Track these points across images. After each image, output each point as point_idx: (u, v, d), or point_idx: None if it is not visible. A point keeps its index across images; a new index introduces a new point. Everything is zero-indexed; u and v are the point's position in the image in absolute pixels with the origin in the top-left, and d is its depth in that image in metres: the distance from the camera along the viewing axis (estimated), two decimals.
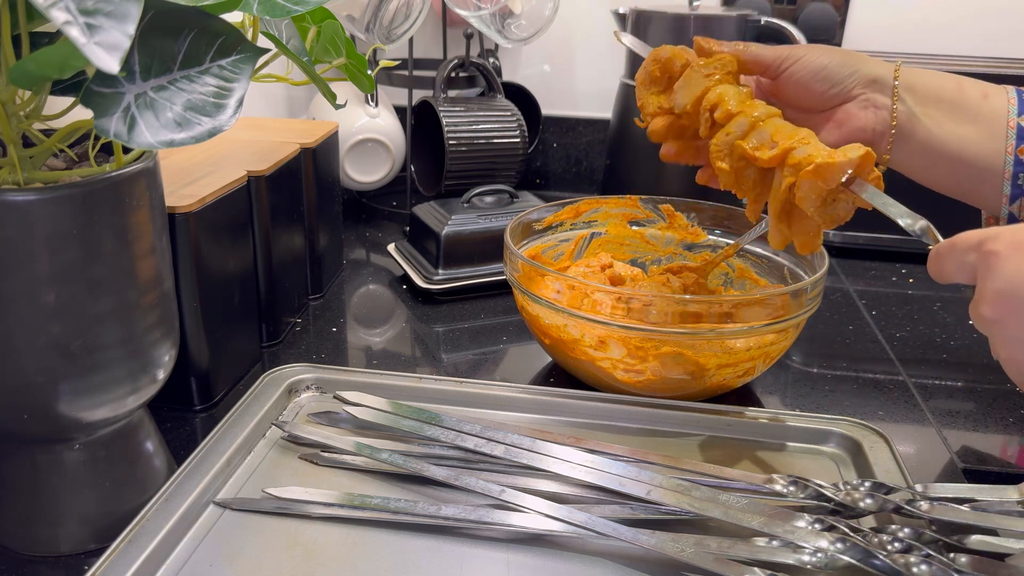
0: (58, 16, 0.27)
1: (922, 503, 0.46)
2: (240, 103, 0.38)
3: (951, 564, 0.41)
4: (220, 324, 0.61)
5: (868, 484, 0.48)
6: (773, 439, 0.57)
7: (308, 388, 0.61)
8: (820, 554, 0.43)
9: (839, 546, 0.43)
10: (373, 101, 1.02)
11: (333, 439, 0.53)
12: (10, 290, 0.39)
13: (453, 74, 0.96)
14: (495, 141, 0.91)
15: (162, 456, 0.51)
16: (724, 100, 0.56)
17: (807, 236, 0.56)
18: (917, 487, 0.47)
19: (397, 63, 0.70)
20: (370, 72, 0.55)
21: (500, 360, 0.72)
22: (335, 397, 0.57)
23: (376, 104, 1.02)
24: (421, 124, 0.97)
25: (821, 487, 0.48)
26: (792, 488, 0.48)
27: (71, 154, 0.47)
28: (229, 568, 0.44)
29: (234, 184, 0.61)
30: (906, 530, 0.44)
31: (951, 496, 0.46)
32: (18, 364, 0.40)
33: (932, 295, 0.87)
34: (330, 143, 0.81)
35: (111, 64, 0.28)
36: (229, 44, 0.38)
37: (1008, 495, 0.45)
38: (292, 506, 0.48)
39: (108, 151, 0.47)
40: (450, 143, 0.89)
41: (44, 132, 0.44)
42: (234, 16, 0.42)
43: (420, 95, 0.97)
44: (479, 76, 0.99)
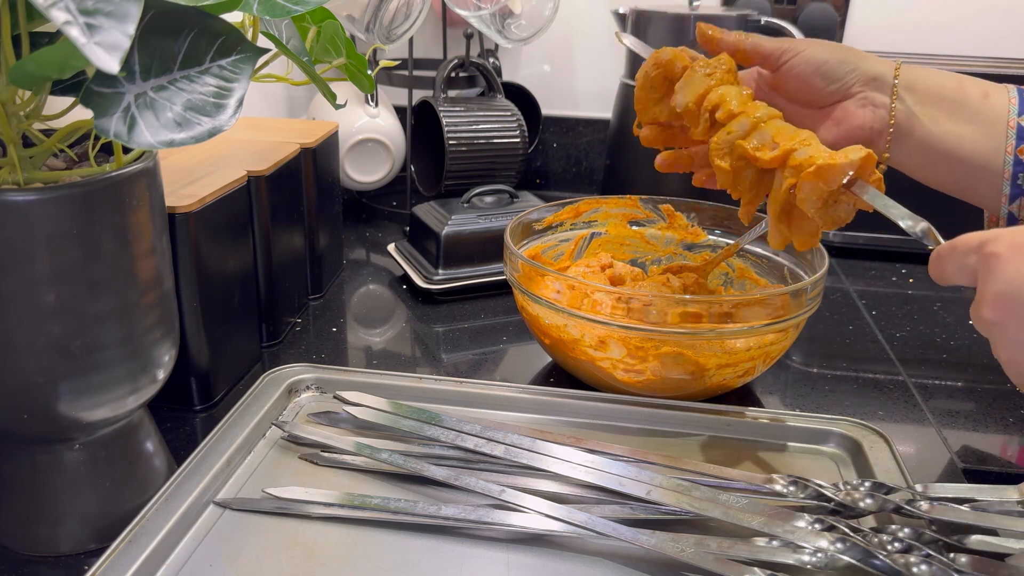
0: (58, 16, 0.27)
1: (922, 503, 0.46)
2: (240, 103, 0.38)
3: (951, 564, 0.41)
4: (220, 324, 0.61)
5: (868, 484, 0.48)
6: (773, 439, 0.57)
7: (308, 388, 0.61)
8: (820, 554, 0.43)
9: (839, 546, 0.43)
10: (373, 101, 1.02)
11: (333, 439, 0.53)
12: (10, 290, 0.39)
13: (453, 74, 0.96)
14: (495, 141, 0.91)
15: (162, 456, 0.51)
16: (726, 100, 0.56)
17: (806, 235, 0.56)
18: (917, 487, 0.47)
19: (397, 63, 0.70)
20: (370, 72, 0.55)
21: (500, 360, 0.72)
22: (335, 397, 0.57)
23: (376, 104, 1.02)
24: (421, 124, 0.97)
25: (821, 487, 0.48)
26: (792, 488, 0.48)
27: (71, 154, 0.47)
28: (229, 568, 0.44)
29: (234, 184, 0.61)
30: (906, 530, 0.44)
31: (951, 496, 0.46)
32: (18, 364, 0.40)
33: (932, 295, 0.87)
34: (330, 143, 0.81)
35: (111, 64, 0.28)
36: (229, 44, 0.38)
37: (1008, 495, 0.46)
38: (292, 506, 0.48)
39: (108, 151, 0.47)
40: (450, 143, 0.89)
41: (44, 132, 0.44)
42: (234, 16, 0.42)
43: (420, 95, 0.97)
44: (479, 76, 0.99)
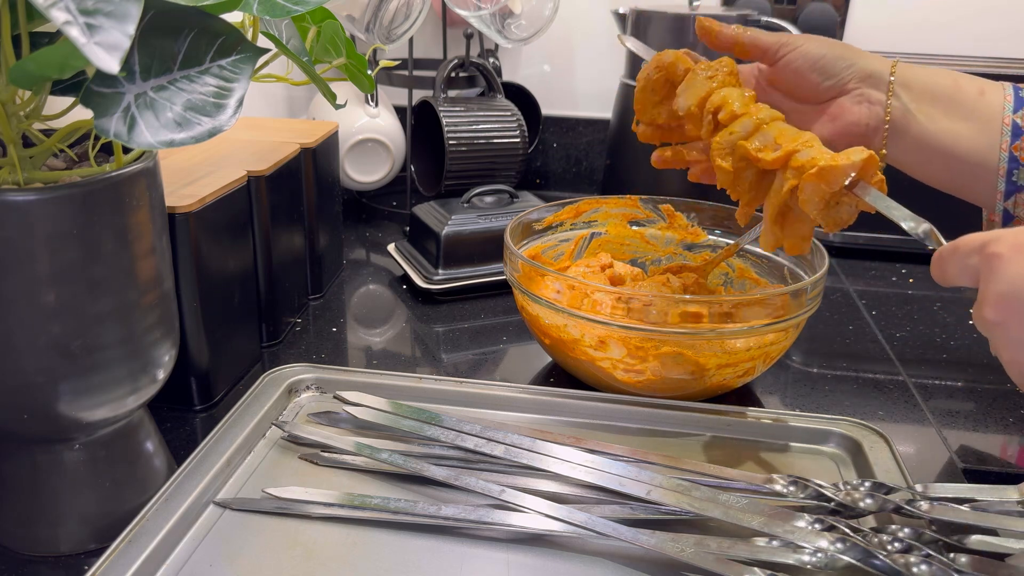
0: (58, 16, 0.27)
1: (922, 503, 0.46)
2: (240, 103, 0.38)
3: (951, 564, 0.41)
4: (220, 324, 0.61)
5: (868, 484, 0.48)
6: (773, 439, 0.57)
7: (308, 388, 0.61)
8: (820, 554, 0.43)
9: (839, 546, 0.43)
10: (373, 101, 1.02)
11: (333, 439, 0.53)
12: (10, 290, 0.39)
13: (453, 74, 0.96)
14: (495, 141, 0.91)
15: (162, 456, 0.51)
16: (728, 102, 0.56)
17: (798, 239, 0.57)
18: (917, 487, 0.47)
19: (397, 63, 0.70)
20: (370, 72, 0.55)
21: (500, 360, 0.72)
22: (335, 397, 0.57)
23: (376, 104, 1.02)
24: (421, 124, 0.97)
25: (821, 487, 0.48)
26: (792, 488, 0.48)
27: (71, 154, 0.47)
28: (229, 568, 0.44)
29: (234, 184, 0.61)
30: (906, 530, 0.44)
31: (951, 496, 0.46)
32: (18, 364, 0.40)
33: (932, 295, 0.87)
34: (330, 143, 0.81)
35: (111, 64, 0.28)
36: (229, 44, 0.38)
37: (1008, 495, 0.45)
38: (292, 506, 0.48)
39: (108, 151, 0.47)
40: (450, 143, 0.89)
41: (44, 132, 0.44)
42: (234, 16, 0.42)
43: (420, 95, 0.97)
44: (479, 76, 0.99)
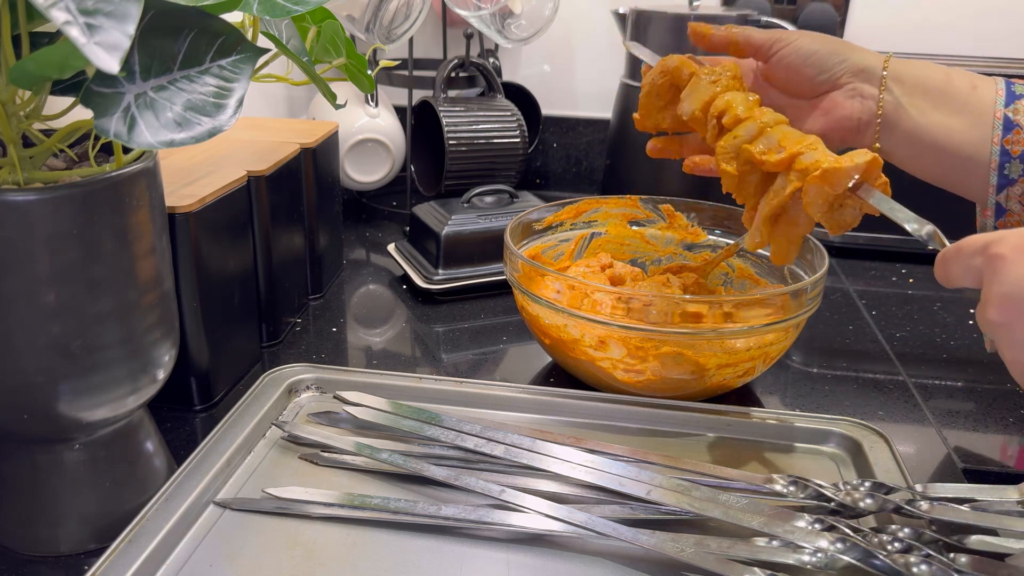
0: (58, 16, 0.27)
1: (922, 503, 0.46)
2: (240, 103, 0.38)
3: (951, 564, 0.41)
4: (220, 324, 0.61)
5: (868, 484, 0.48)
6: (773, 439, 0.57)
7: (308, 388, 0.61)
8: (820, 554, 0.43)
9: (839, 546, 0.43)
10: (373, 101, 1.02)
11: (333, 439, 0.53)
12: (10, 290, 0.39)
13: (453, 74, 0.96)
14: (495, 141, 0.91)
15: (162, 456, 0.51)
16: (732, 106, 0.56)
17: (784, 243, 0.57)
18: (917, 487, 0.47)
19: (397, 63, 0.70)
20: (370, 72, 0.55)
21: (500, 360, 0.72)
22: (335, 397, 0.57)
23: (376, 104, 1.02)
24: (421, 124, 0.97)
25: (821, 487, 0.48)
26: (792, 488, 0.48)
27: (71, 154, 0.47)
28: (229, 568, 0.44)
29: (234, 184, 0.61)
30: (906, 530, 0.44)
31: (951, 496, 0.46)
32: (18, 364, 0.40)
33: (932, 295, 0.87)
34: (330, 143, 0.81)
35: (111, 64, 0.28)
36: (229, 44, 0.38)
37: (1008, 495, 0.45)
38: (292, 506, 0.48)
39: (108, 151, 0.47)
40: (450, 143, 0.89)
41: (44, 132, 0.44)
42: (234, 16, 0.42)
43: (420, 95, 0.97)
44: (479, 76, 0.99)
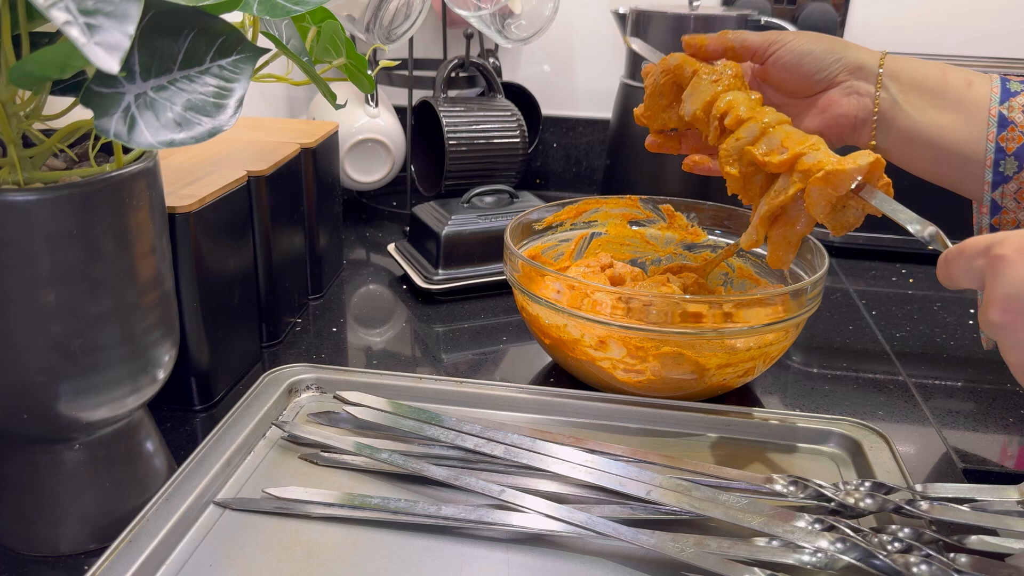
0: (58, 16, 0.27)
1: (922, 503, 0.46)
2: (240, 103, 0.38)
3: (951, 564, 0.41)
4: (220, 324, 0.61)
5: (868, 484, 0.48)
6: (773, 439, 0.57)
7: (308, 388, 0.61)
8: (820, 554, 0.43)
9: (839, 546, 0.43)
10: (373, 101, 1.02)
11: (333, 439, 0.53)
12: (10, 290, 0.39)
13: (453, 74, 0.96)
14: (495, 141, 0.91)
15: (162, 456, 0.51)
16: (734, 107, 0.56)
17: (781, 244, 0.57)
18: (917, 487, 0.47)
19: (397, 63, 0.70)
20: (370, 72, 0.55)
21: (500, 360, 0.72)
22: (335, 397, 0.57)
23: (376, 104, 1.02)
24: (421, 124, 0.97)
25: (821, 487, 0.48)
26: (792, 488, 0.48)
27: (71, 154, 0.47)
28: (229, 568, 0.44)
29: (234, 184, 0.61)
30: (906, 530, 0.44)
31: (951, 496, 0.46)
32: (18, 364, 0.40)
33: (932, 295, 0.87)
34: (330, 143, 0.81)
35: (111, 64, 0.28)
36: (229, 44, 0.38)
37: (1008, 495, 0.45)
38: (292, 506, 0.48)
39: (108, 151, 0.47)
40: (450, 143, 0.89)
41: (44, 132, 0.44)
42: (234, 16, 0.42)
43: (420, 95, 0.97)
44: (479, 76, 0.99)
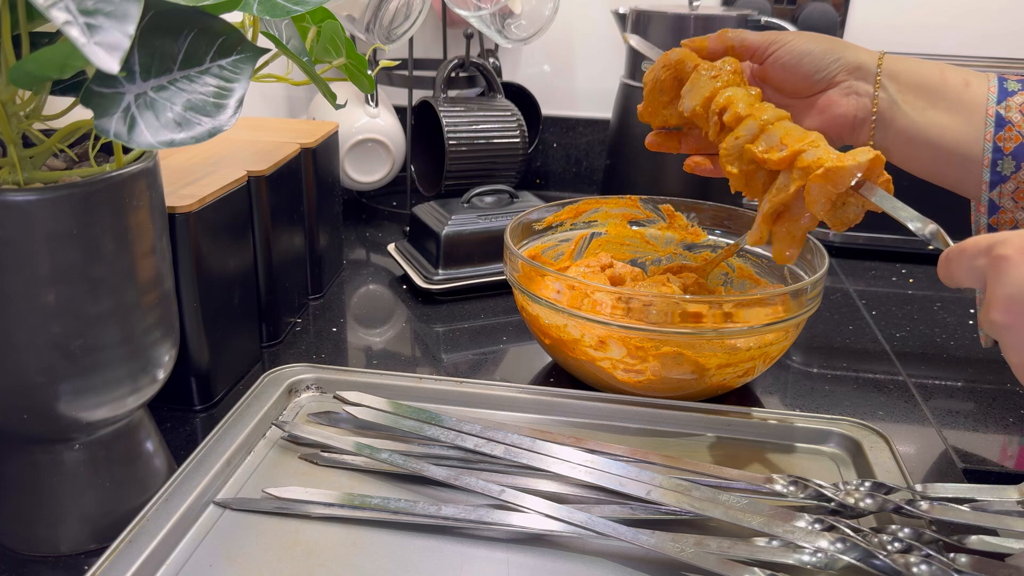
0: (58, 16, 0.27)
1: (922, 503, 0.46)
2: (240, 103, 0.38)
3: (951, 564, 0.41)
4: (220, 324, 0.61)
5: (868, 484, 0.48)
6: (773, 439, 0.57)
7: (308, 388, 0.61)
8: (820, 554, 0.43)
9: (839, 546, 0.43)
10: (373, 101, 1.02)
11: (333, 439, 0.53)
12: (10, 290, 0.39)
13: (453, 74, 0.96)
14: (495, 141, 0.91)
15: (162, 456, 0.51)
16: (733, 103, 0.56)
17: (787, 241, 0.57)
18: (917, 487, 0.47)
19: (397, 63, 0.70)
20: (370, 72, 0.55)
21: (500, 360, 0.72)
22: (335, 397, 0.57)
23: (376, 104, 1.02)
24: (421, 124, 0.97)
25: (821, 487, 0.48)
26: (792, 488, 0.48)
27: (71, 154, 0.47)
28: (229, 568, 0.44)
29: (234, 184, 0.61)
30: (906, 530, 0.44)
31: (951, 496, 0.46)
32: (18, 364, 0.40)
33: (932, 295, 0.87)
34: (330, 143, 0.81)
35: (111, 64, 0.28)
36: (229, 44, 0.38)
37: (1008, 495, 0.45)
38: (292, 506, 0.48)
39: (108, 151, 0.47)
40: (450, 143, 0.89)
41: (44, 132, 0.44)
42: (234, 16, 0.42)
43: (420, 95, 0.97)
44: (479, 76, 0.99)
